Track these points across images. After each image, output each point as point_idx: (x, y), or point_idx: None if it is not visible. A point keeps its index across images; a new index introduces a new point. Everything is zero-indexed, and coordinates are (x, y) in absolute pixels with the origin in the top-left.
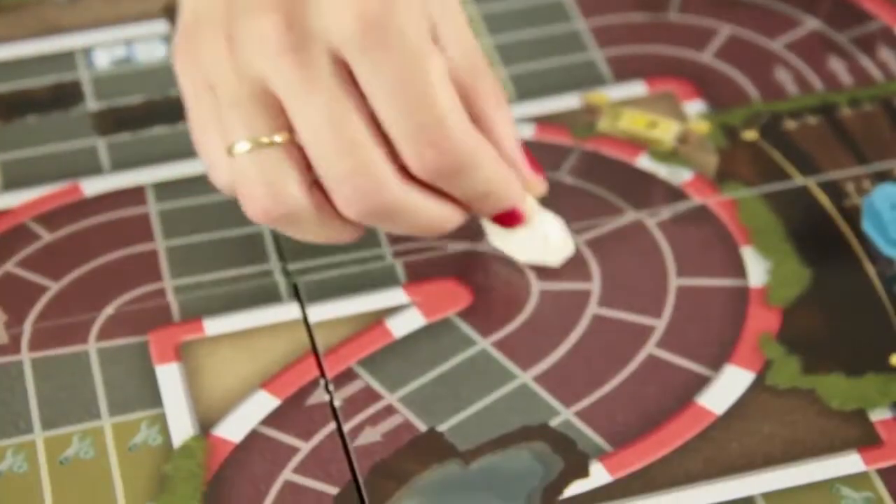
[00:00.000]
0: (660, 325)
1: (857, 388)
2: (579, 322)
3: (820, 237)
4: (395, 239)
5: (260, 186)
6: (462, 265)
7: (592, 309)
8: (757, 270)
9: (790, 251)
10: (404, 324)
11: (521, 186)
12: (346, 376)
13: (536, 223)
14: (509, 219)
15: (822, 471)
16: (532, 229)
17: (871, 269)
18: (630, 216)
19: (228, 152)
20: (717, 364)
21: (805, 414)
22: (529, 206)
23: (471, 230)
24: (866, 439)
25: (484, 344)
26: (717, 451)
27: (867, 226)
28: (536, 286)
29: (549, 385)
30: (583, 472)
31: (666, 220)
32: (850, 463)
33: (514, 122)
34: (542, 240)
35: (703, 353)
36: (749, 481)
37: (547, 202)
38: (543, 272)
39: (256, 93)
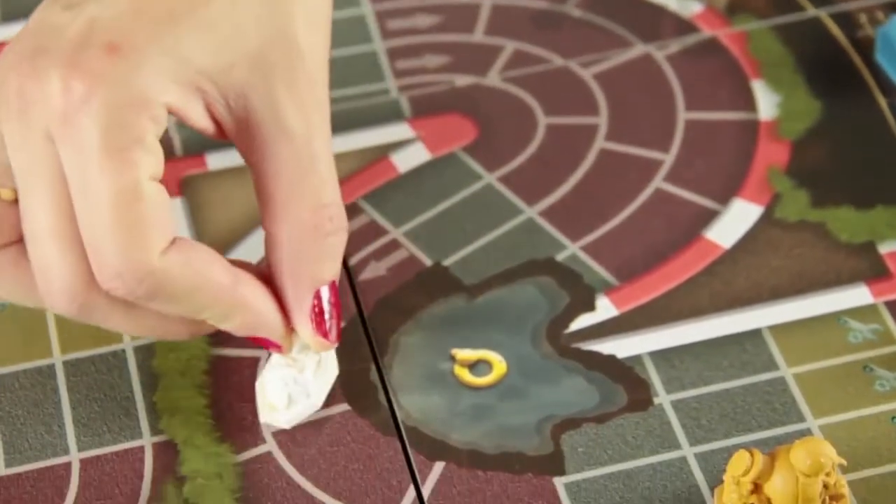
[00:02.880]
0: (668, 159)
1: (867, 221)
2: (586, 156)
3: (831, 69)
4: (399, 72)
5: None
6: (468, 99)
7: (599, 143)
8: (767, 103)
9: (801, 84)
10: (409, 158)
11: (275, 323)
12: (351, 211)
13: (282, 380)
14: (261, 341)
15: (830, 303)
16: (279, 378)
17: (882, 101)
18: (638, 49)
19: None
20: (725, 198)
21: (813, 247)
22: (301, 357)
23: (477, 66)
24: (874, 272)
25: (490, 178)
26: (725, 285)
27: (880, 56)
28: (543, 120)
29: (556, 220)
30: (589, 306)
31: (675, 53)
32: (857, 295)
33: (335, 258)
34: (274, 394)
35: (711, 187)
36: (756, 314)
37: (553, 37)
38: (551, 105)
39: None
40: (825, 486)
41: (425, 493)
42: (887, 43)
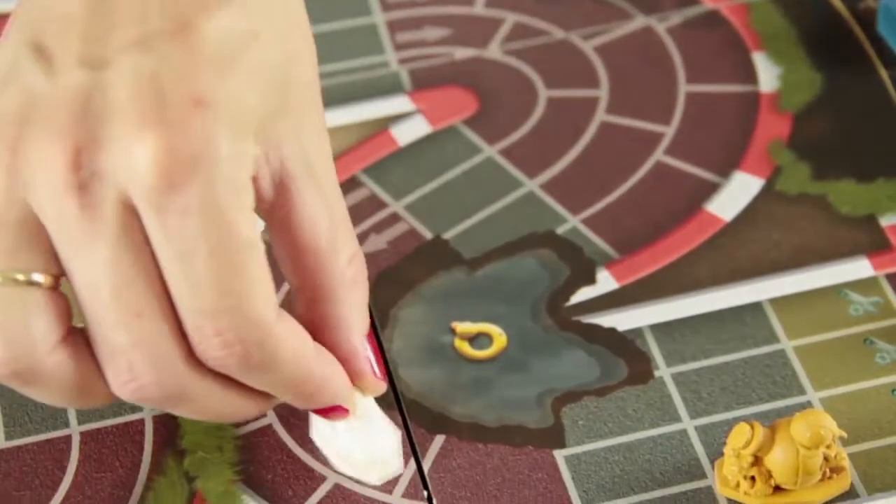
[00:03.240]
0: (668, 131)
1: (868, 194)
2: (587, 129)
3: (833, 41)
4: (399, 45)
5: None
6: (468, 72)
7: (600, 116)
8: (768, 76)
9: (802, 56)
10: (409, 131)
11: (347, 385)
12: (351, 184)
13: (365, 432)
14: (327, 411)
15: (831, 276)
16: (359, 438)
17: (884, 74)
18: (639, 21)
19: None
20: (726, 170)
21: (814, 220)
22: (361, 406)
23: (477, 38)
24: (876, 244)
25: (490, 151)
26: (725, 258)
27: (882, 29)
28: (543, 93)
29: (556, 192)
30: (589, 279)
31: (676, 25)
32: (858, 268)
33: (367, 307)
34: (366, 452)
35: (712, 160)
36: (757, 287)
37: (554, 10)
38: (552, 78)
39: (25, 221)
40: (826, 459)
41: (426, 465)
42: (889, 15)
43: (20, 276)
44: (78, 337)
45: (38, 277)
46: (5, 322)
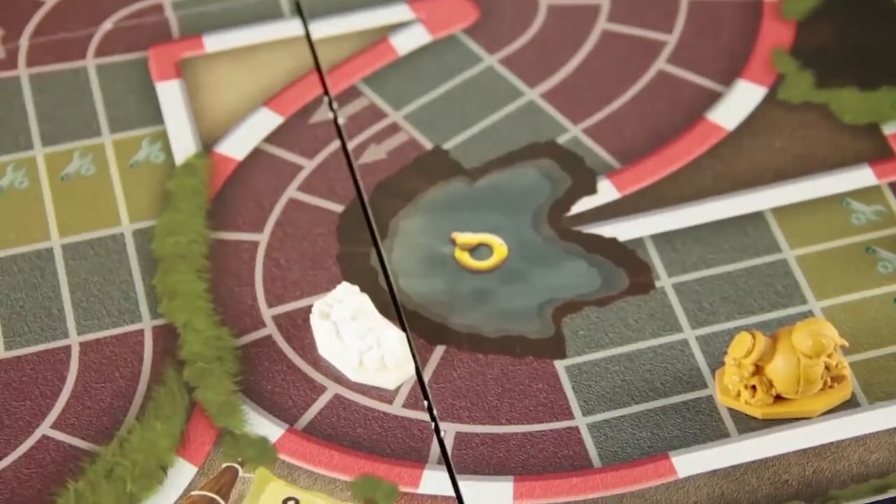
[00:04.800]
0: (671, 40)
1: (871, 102)
2: (588, 38)
3: None
4: None
5: None
6: None
7: (602, 24)
8: None
9: None
10: (409, 40)
11: None
12: (350, 94)
13: (374, 340)
14: None
15: (833, 185)
16: (369, 347)
17: None
18: None
19: None
20: (728, 79)
21: (817, 128)
22: (371, 318)
23: None
24: (878, 153)
25: (490, 60)
26: (727, 167)
27: None
28: (544, 1)
29: (557, 102)
30: (590, 189)
31: None
32: (861, 177)
33: None
34: (379, 360)
35: (715, 69)
36: (758, 197)
37: None
38: None
39: None
40: (827, 368)
41: (426, 376)
42: None
43: None
44: None
45: None
46: None
